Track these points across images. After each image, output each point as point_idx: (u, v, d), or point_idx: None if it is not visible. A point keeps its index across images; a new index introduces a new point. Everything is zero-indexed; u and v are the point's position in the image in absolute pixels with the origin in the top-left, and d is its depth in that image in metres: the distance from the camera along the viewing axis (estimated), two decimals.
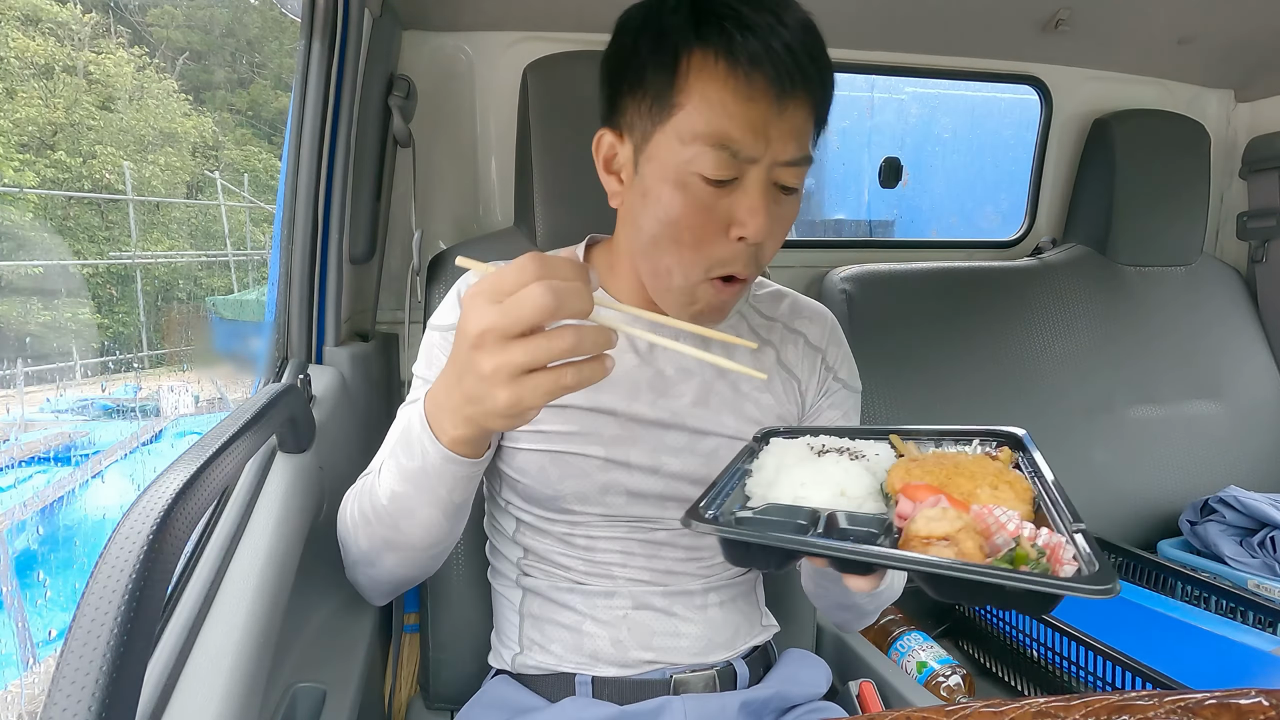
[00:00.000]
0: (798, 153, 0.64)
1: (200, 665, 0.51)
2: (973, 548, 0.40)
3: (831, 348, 0.83)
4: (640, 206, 0.68)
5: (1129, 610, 1.15)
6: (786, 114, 0.62)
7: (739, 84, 0.61)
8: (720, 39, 0.61)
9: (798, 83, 0.61)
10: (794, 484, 0.54)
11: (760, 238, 0.64)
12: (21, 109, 3.99)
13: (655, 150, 0.65)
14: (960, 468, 0.50)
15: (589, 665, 0.75)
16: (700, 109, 0.62)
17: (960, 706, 0.34)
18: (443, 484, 0.59)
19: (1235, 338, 1.52)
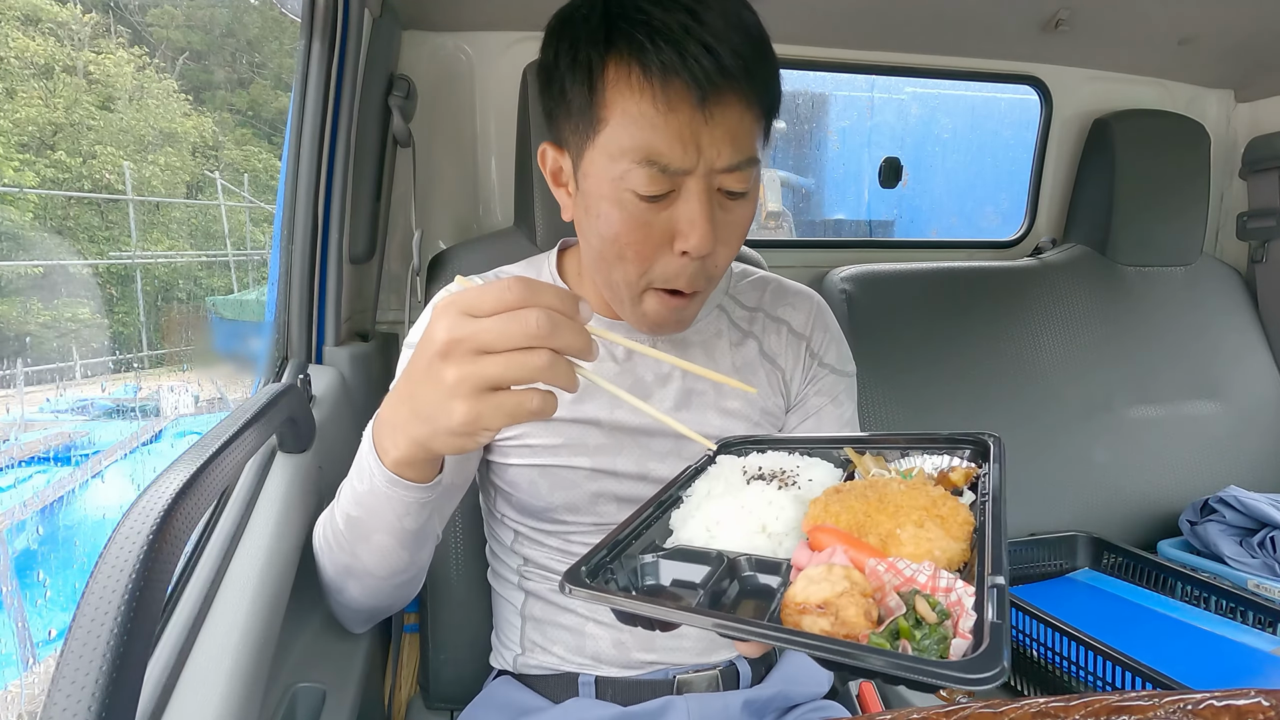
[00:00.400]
0: (735, 157, 0.60)
1: (200, 665, 0.51)
2: (855, 614, 0.36)
3: (816, 333, 0.81)
4: (585, 222, 0.66)
5: (1129, 610, 1.15)
6: (716, 119, 0.58)
7: (656, 95, 0.57)
8: (631, 49, 0.57)
9: (723, 85, 0.57)
10: (709, 521, 0.49)
11: (704, 250, 0.61)
12: (21, 109, 3.98)
13: (588, 167, 0.63)
14: (885, 502, 0.45)
15: (591, 666, 0.75)
16: (623, 124, 0.59)
17: (960, 706, 0.34)
18: (392, 509, 0.56)
19: (1235, 338, 1.52)
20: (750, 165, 0.62)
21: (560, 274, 0.79)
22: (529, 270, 0.80)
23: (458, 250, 1.04)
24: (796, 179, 3.86)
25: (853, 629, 0.36)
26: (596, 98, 0.60)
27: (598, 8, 0.60)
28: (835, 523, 0.44)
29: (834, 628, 0.36)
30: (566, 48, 0.62)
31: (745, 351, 0.78)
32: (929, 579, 0.38)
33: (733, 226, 0.64)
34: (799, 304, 0.82)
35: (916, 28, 1.29)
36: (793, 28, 1.26)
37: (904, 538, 0.42)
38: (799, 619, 0.37)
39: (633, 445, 0.73)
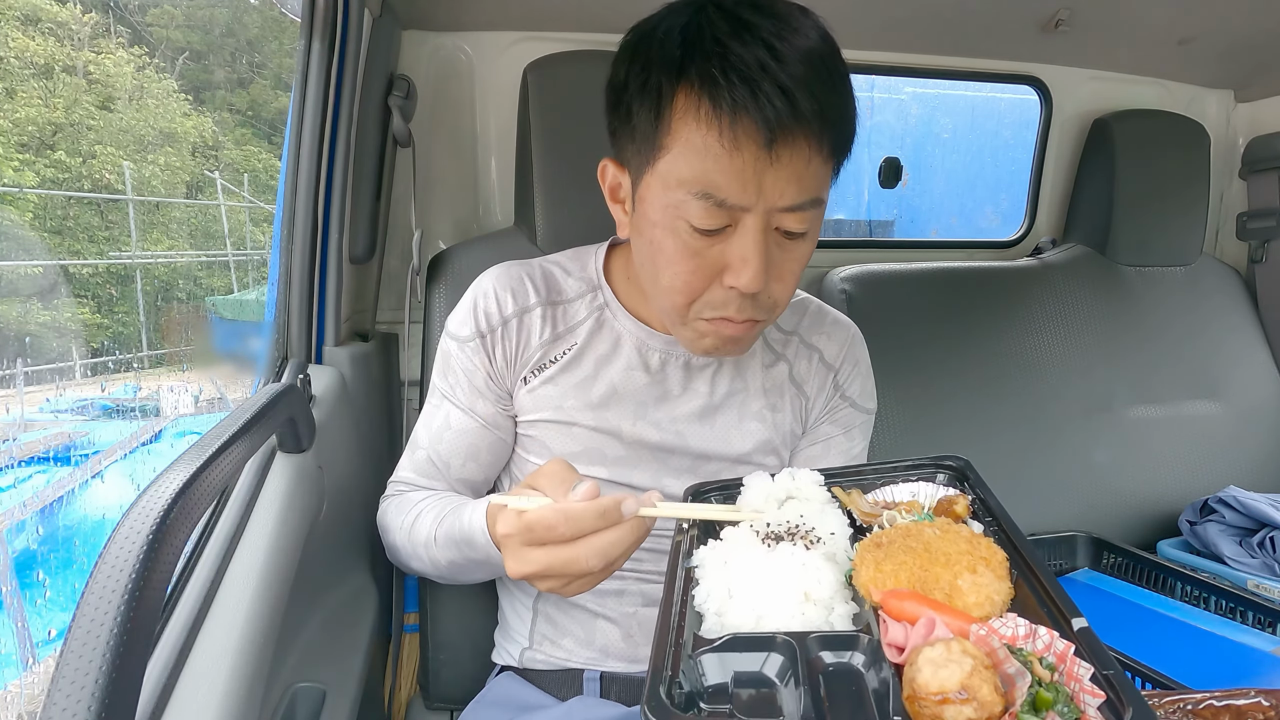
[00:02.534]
0: (798, 198, 0.59)
1: (200, 665, 0.51)
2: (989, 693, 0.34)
3: (846, 365, 0.81)
4: (638, 244, 0.67)
5: (1129, 610, 1.15)
6: (782, 160, 0.56)
7: (723, 131, 0.56)
8: (703, 81, 0.56)
9: (794, 127, 0.56)
10: (750, 597, 0.46)
11: (753, 288, 0.60)
12: (21, 109, 3.98)
13: (646, 191, 0.62)
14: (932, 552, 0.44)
15: (599, 660, 0.75)
16: (685, 154, 0.58)
17: None
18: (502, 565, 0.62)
19: (1235, 338, 1.52)
20: (812, 206, 0.61)
21: (606, 274, 0.78)
22: (574, 262, 0.79)
23: (458, 250, 1.04)
24: None
25: (991, 709, 0.34)
26: (662, 124, 0.59)
27: (675, 34, 0.59)
28: (895, 583, 0.43)
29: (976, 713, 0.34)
30: (638, 70, 0.60)
31: (775, 374, 0.78)
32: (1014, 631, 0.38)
33: (788, 264, 0.63)
34: (835, 334, 0.82)
35: (916, 28, 1.29)
36: None
37: (965, 587, 0.42)
38: (939, 710, 0.35)
39: (650, 460, 0.74)
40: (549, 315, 0.75)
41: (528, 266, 0.78)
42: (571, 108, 0.99)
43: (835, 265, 1.38)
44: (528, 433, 0.76)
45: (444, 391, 0.76)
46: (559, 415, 0.74)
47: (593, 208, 0.99)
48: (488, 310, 0.74)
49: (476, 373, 0.74)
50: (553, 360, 0.74)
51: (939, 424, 1.30)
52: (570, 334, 0.75)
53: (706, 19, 0.58)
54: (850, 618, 0.45)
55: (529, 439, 0.76)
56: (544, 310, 0.75)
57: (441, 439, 0.75)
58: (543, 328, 0.75)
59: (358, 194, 0.95)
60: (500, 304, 0.75)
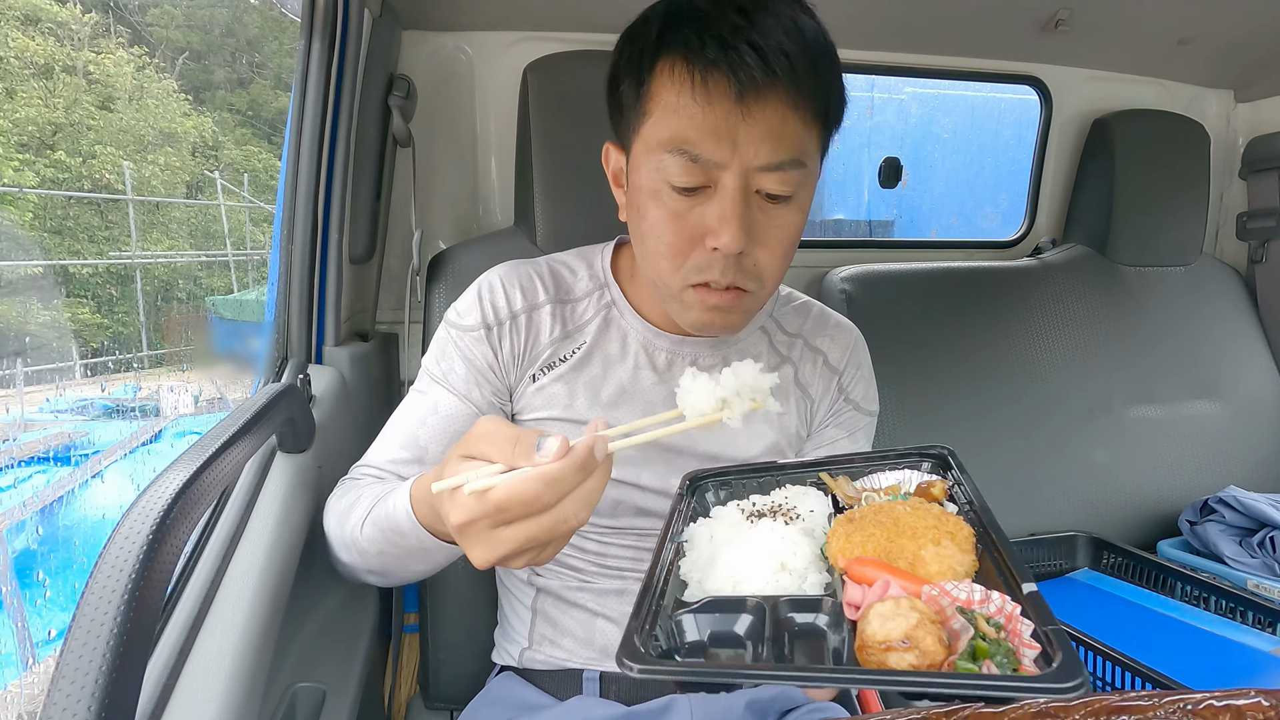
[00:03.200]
0: (774, 156, 0.59)
1: (200, 665, 0.51)
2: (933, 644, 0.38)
3: (850, 369, 0.81)
4: (632, 219, 0.68)
5: (1129, 610, 1.15)
6: (755, 116, 0.58)
7: (695, 87, 0.58)
8: (679, 44, 0.59)
9: (765, 83, 0.57)
10: (730, 565, 0.49)
11: (733, 248, 0.60)
12: (21, 109, 3.99)
13: (634, 160, 0.65)
14: (900, 525, 0.47)
15: (599, 660, 0.75)
16: (664, 116, 0.60)
17: (960, 706, 0.34)
18: (441, 554, 0.59)
19: (1235, 338, 1.52)
20: (793, 167, 0.60)
21: (614, 271, 0.78)
22: (581, 261, 0.79)
23: (457, 250, 1.04)
24: None
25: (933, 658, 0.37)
26: (644, 92, 0.62)
27: (659, 9, 0.63)
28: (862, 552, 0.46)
29: (918, 660, 0.37)
30: (627, 49, 0.64)
31: (781, 376, 0.78)
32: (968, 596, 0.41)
33: (774, 231, 0.63)
34: (838, 337, 0.82)
35: (916, 28, 1.29)
36: None
37: (928, 557, 0.44)
38: (884, 657, 0.38)
39: (659, 461, 0.74)
40: (558, 313, 0.75)
41: (535, 265, 0.78)
42: (571, 108, 0.99)
43: (835, 265, 1.38)
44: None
45: (436, 376, 0.74)
46: (568, 414, 0.73)
47: (593, 207, 0.99)
48: (495, 303, 0.74)
49: (478, 361, 0.73)
50: (562, 359, 0.74)
51: (939, 424, 1.30)
52: (579, 332, 0.75)
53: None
54: (822, 586, 0.48)
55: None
56: (553, 308, 0.75)
57: (425, 423, 0.72)
58: (552, 325, 0.74)
59: (358, 194, 0.95)
60: (509, 298, 0.74)
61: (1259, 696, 0.28)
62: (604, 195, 0.73)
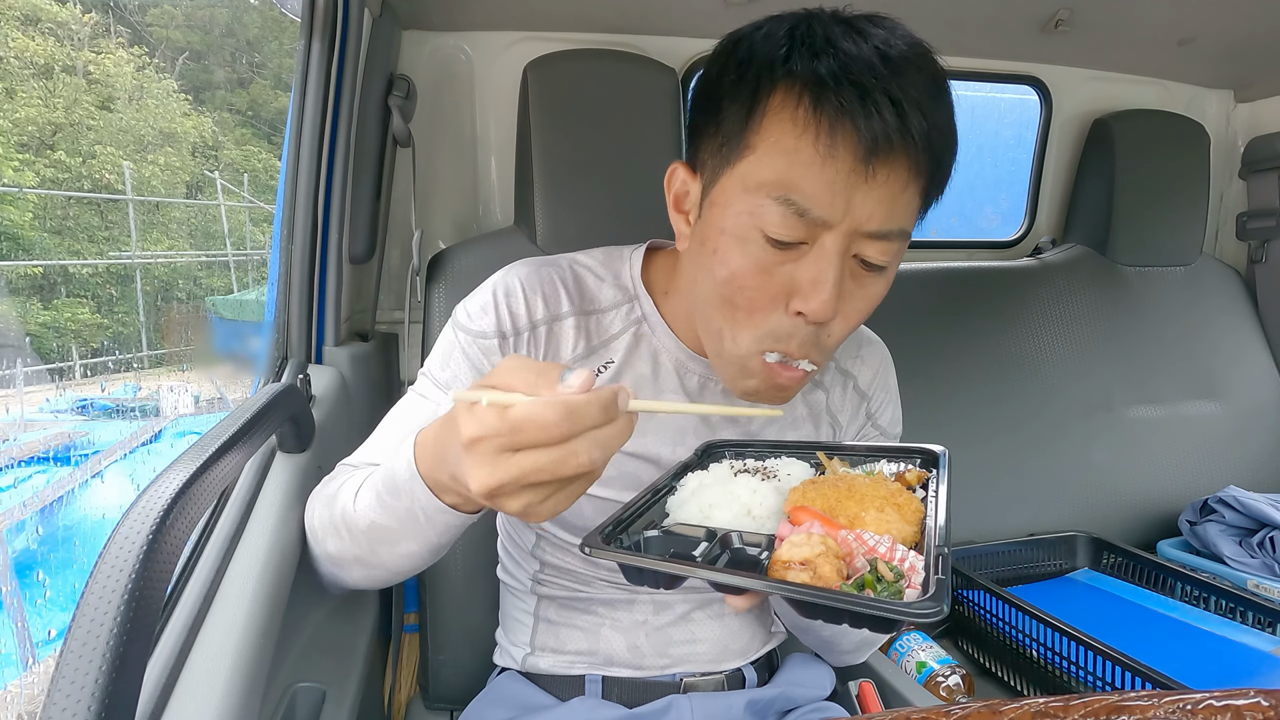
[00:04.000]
0: (886, 223, 0.54)
1: (200, 665, 0.51)
2: (829, 572, 0.42)
3: (878, 392, 0.78)
4: (699, 255, 0.61)
5: (1129, 610, 1.15)
6: (878, 179, 0.52)
7: (820, 135, 0.51)
8: (808, 80, 0.52)
9: (898, 144, 0.51)
10: (703, 505, 0.54)
11: (824, 317, 0.55)
12: (21, 109, 3.99)
13: (720, 195, 0.58)
14: (853, 490, 0.50)
15: (602, 667, 0.74)
16: (772, 154, 0.53)
17: (959, 706, 0.34)
18: (432, 529, 0.55)
19: (1235, 338, 1.52)
20: (899, 238, 0.56)
21: (645, 281, 0.72)
22: (607, 268, 0.73)
23: (457, 250, 1.04)
24: None
25: (827, 583, 0.42)
26: (752, 122, 0.54)
27: (781, 31, 0.55)
28: (811, 505, 0.51)
29: (812, 581, 0.42)
30: (735, 66, 0.56)
31: (813, 402, 0.76)
32: (888, 549, 0.45)
33: (860, 300, 0.58)
34: (869, 358, 0.78)
35: (916, 28, 1.28)
36: None
37: (868, 519, 0.48)
38: (784, 574, 0.43)
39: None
40: (583, 326, 0.69)
41: (557, 268, 0.71)
42: (571, 107, 0.99)
43: None
44: None
45: (440, 382, 0.68)
46: None
47: (593, 207, 0.99)
48: (514, 310, 0.67)
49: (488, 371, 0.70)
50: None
51: (938, 423, 1.30)
52: (605, 349, 0.69)
53: (819, 20, 0.55)
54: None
55: None
56: (577, 320, 0.69)
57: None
58: (576, 339, 0.69)
59: (358, 194, 0.95)
60: (530, 306, 0.68)
61: (1259, 696, 0.28)
62: (604, 195, 0.73)
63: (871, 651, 0.82)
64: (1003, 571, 1.26)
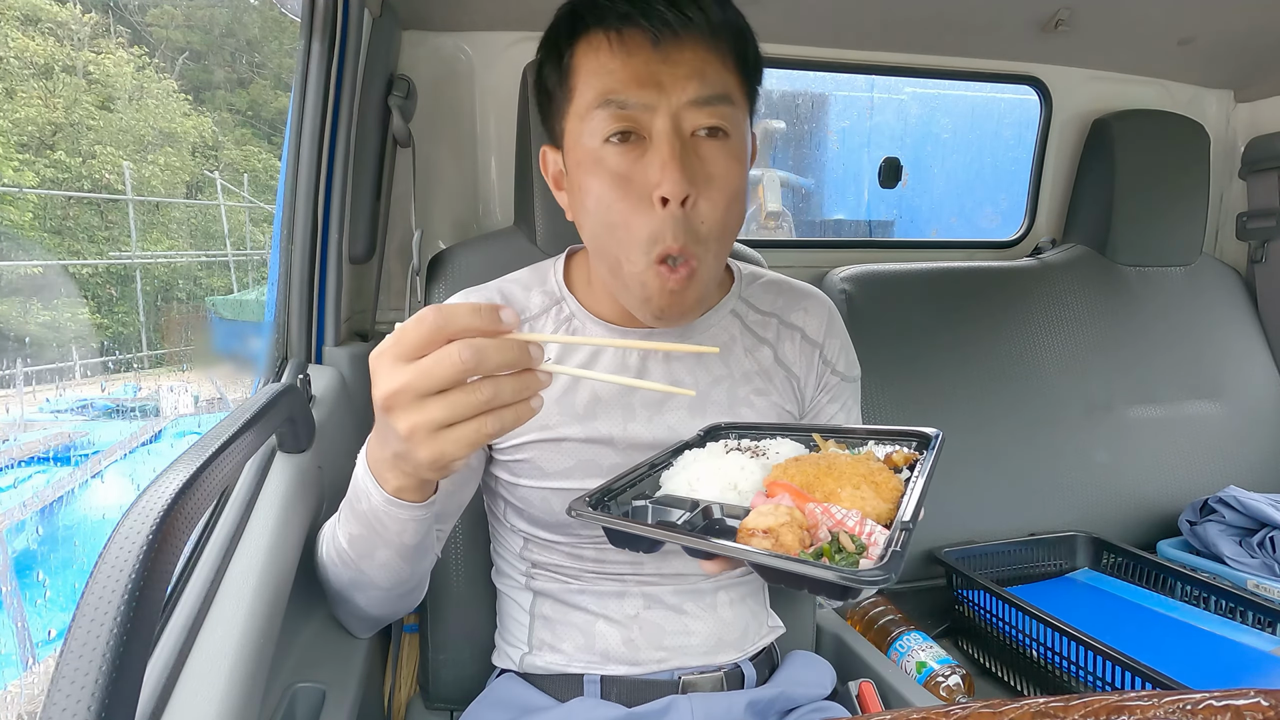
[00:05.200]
0: (700, 91, 0.60)
1: (200, 665, 0.51)
2: (791, 540, 0.45)
3: (829, 340, 0.81)
4: (579, 207, 0.67)
5: (1129, 610, 1.15)
6: (673, 58, 0.60)
7: (615, 44, 0.60)
8: (592, 15, 0.62)
9: (683, 30, 0.59)
10: (691, 479, 0.58)
11: (680, 191, 0.59)
12: (21, 109, 3.98)
13: (569, 140, 0.65)
14: (833, 468, 0.53)
15: (599, 664, 0.75)
16: (588, 82, 0.62)
17: (959, 706, 0.34)
18: (393, 526, 0.58)
19: (1235, 338, 1.52)
20: (721, 102, 0.61)
21: (567, 283, 0.77)
22: (534, 278, 0.79)
23: (457, 250, 1.04)
24: (796, 179, 3.86)
25: (788, 550, 0.44)
26: (566, 68, 0.64)
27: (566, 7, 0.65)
28: (789, 481, 0.53)
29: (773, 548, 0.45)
30: (547, 48, 0.67)
31: (760, 358, 0.78)
32: (856, 523, 0.46)
33: (716, 179, 0.62)
34: (812, 309, 0.81)
35: (916, 28, 1.29)
36: (793, 28, 1.26)
37: (843, 496, 0.50)
38: (748, 540, 0.46)
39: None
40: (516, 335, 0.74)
41: (486, 291, 0.77)
42: None
43: (835, 265, 1.38)
44: (516, 456, 0.74)
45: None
46: (546, 433, 0.72)
47: None
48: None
49: None
50: None
51: (938, 423, 1.29)
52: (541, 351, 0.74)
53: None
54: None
55: (519, 463, 0.74)
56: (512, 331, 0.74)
57: None
58: None
59: (358, 194, 0.95)
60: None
61: (1259, 696, 0.28)
62: None
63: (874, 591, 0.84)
64: (1003, 571, 1.26)
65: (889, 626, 1.06)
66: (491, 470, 0.78)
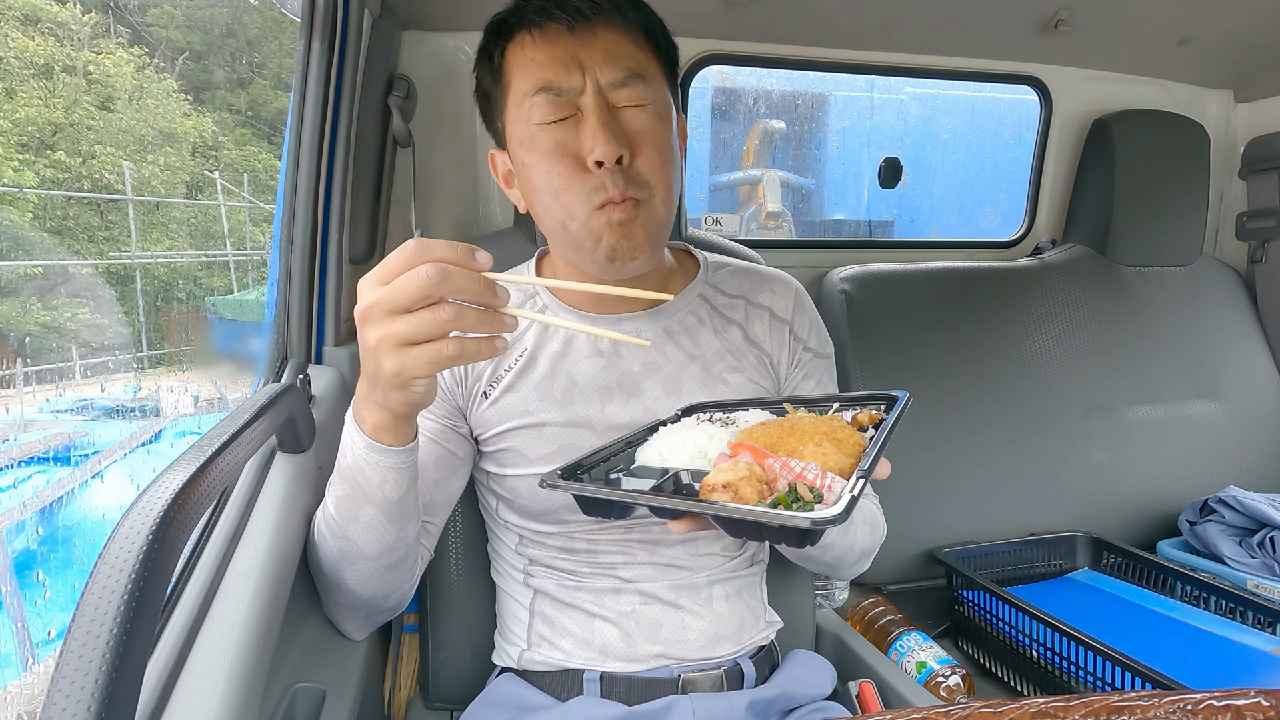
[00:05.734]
0: (618, 72, 0.67)
1: (200, 665, 0.51)
2: (750, 493, 0.46)
3: (798, 317, 0.83)
4: (527, 189, 0.71)
5: (1129, 610, 1.15)
6: (589, 41, 0.66)
7: (538, 36, 0.67)
8: (516, 20, 0.69)
9: (595, 16, 0.66)
10: (662, 449, 0.61)
11: (611, 152, 0.65)
12: (21, 109, 3.99)
13: (511, 131, 0.71)
14: (796, 428, 0.55)
15: (598, 660, 0.75)
16: (520, 74, 0.68)
17: (959, 706, 0.34)
18: (374, 476, 0.60)
19: (1235, 338, 1.52)
20: (638, 82, 0.68)
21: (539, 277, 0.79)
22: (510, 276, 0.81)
23: None
24: (796, 179, 3.86)
25: (748, 503, 0.46)
26: (499, 71, 0.70)
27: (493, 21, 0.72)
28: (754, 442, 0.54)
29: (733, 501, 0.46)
30: (480, 58, 0.74)
31: (730, 338, 0.80)
32: (816, 476, 0.48)
33: (643, 135, 0.68)
34: (778, 289, 0.84)
35: (916, 28, 1.29)
36: (793, 28, 1.26)
37: (804, 452, 0.51)
38: (709, 496, 0.48)
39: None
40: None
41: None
42: None
43: (835, 265, 1.38)
44: (500, 445, 0.76)
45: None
46: (527, 420, 0.74)
47: None
48: None
49: None
50: (506, 369, 0.76)
51: (938, 423, 1.30)
52: (518, 342, 0.77)
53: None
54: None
55: (502, 451, 0.76)
56: None
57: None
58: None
59: (358, 194, 0.95)
60: None
61: (1259, 696, 0.28)
62: None
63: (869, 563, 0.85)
64: (1003, 571, 1.26)
65: (889, 626, 1.06)
66: (481, 465, 0.80)
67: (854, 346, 1.28)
